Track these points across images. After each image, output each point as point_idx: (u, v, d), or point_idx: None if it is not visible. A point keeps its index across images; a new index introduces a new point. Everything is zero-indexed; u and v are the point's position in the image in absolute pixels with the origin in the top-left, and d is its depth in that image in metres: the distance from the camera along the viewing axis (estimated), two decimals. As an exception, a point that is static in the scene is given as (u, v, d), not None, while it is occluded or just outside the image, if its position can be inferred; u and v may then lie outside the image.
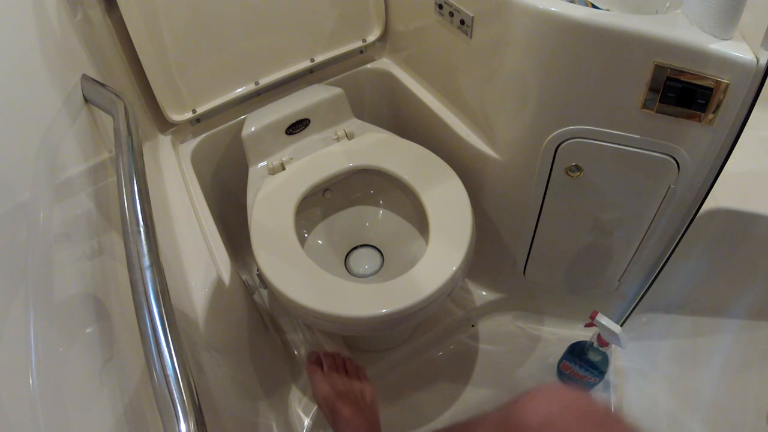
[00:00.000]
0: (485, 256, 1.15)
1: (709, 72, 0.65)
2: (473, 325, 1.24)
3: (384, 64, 1.18)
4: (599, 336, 1.00)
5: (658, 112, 0.72)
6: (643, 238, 0.93)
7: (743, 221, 0.92)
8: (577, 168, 0.85)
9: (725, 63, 0.64)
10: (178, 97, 0.97)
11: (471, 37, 0.87)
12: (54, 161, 0.56)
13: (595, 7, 0.85)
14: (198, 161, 1.02)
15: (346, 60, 1.15)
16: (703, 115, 0.70)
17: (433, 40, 0.99)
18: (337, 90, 1.08)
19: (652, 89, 0.70)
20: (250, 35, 0.98)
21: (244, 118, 1.05)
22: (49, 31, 0.66)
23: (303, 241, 1.07)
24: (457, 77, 0.98)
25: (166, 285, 0.48)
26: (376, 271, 1.08)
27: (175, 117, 0.97)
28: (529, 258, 1.08)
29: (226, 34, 0.95)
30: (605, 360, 1.05)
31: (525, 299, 1.22)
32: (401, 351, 1.18)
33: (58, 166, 0.57)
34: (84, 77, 0.71)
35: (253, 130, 1.02)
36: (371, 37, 1.12)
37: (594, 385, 1.11)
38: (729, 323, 1.10)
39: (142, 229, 0.50)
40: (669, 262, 0.95)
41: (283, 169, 1.03)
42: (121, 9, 0.82)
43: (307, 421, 1.05)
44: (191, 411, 0.40)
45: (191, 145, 1.03)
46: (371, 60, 1.19)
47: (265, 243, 0.91)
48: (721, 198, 0.90)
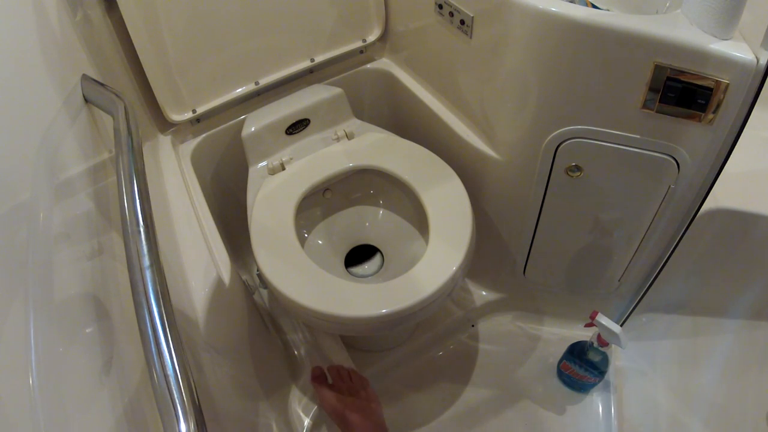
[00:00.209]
0: (485, 256, 1.15)
1: (709, 72, 0.65)
2: (473, 325, 1.24)
3: (384, 64, 1.18)
4: (599, 336, 1.00)
5: (658, 112, 0.72)
6: (643, 238, 0.93)
7: (743, 221, 0.92)
8: (577, 168, 0.85)
9: (725, 63, 0.64)
10: (178, 97, 0.97)
11: (471, 37, 0.87)
12: (54, 161, 0.56)
13: (595, 7, 0.85)
14: (198, 161, 1.02)
15: (346, 60, 1.15)
16: (703, 115, 0.70)
17: (433, 40, 0.99)
18: (337, 90, 1.08)
19: (652, 89, 0.70)
20: (250, 35, 0.98)
21: (244, 118, 1.05)
22: (49, 31, 0.66)
23: (303, 241, 1.07)
24: (457, 77, 0.98)
25: (166, 285, 0.48)
26: (376, 271, 1.08)
27: (175, 117, 0.97)
28: (529, 258, 1.08)
29: (226, 34, 0.95)
30: (605, 360, 1.05)
31: (525, 299, 1.22)
32: (401, 351, 1.18)
33: (58, 166, 0.57)
34: (84, 77, 0.71)
35: (253, 130, 1.02)
36: (371, 37, 1.12)
37: (594, 385, 1.11)
38: (729, 323, 1.10)
39: (142, 229, 0.50)
40: (669, 262, 0.95)
41: (283, 169, 1.03)
42: (121, 9, 0.82)
43: (307, 421, 1.05)
44: (191, 411, 0.40)
45: (191, 145, 1.03)
46: (371, 60, 1.19)
47: (265, 243, 0.91)
48: (721, 198, 0.90)
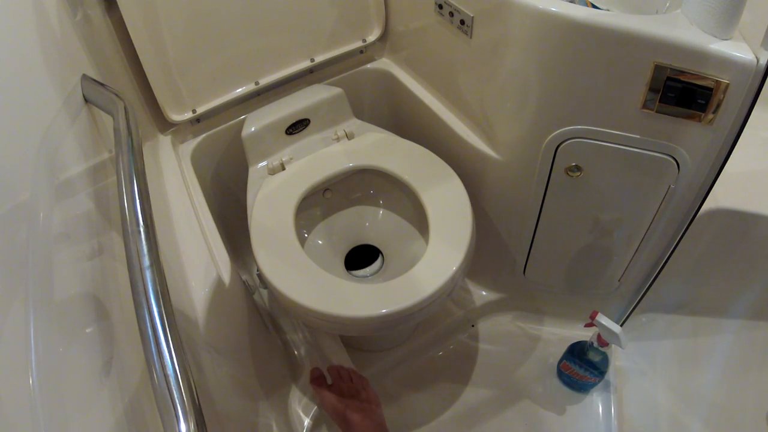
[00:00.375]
0: (485, 256, 1.15)
1: (709, 72, 0.65)
2: (473, 325, 1.24)
3: (384, 64, 1.18)
4: (599, 336, 1.00)
5: (658, 112, 0.72)
6: (643, 238, 0.93)
7: (743, 221, 0.92)
8: (577, 168, 0.85)
9: (725, 63, 0.64)
10: (178, 97, 0.97)
11: (471, 37, 0.87)
12: (54, 161, 0.56)
13: (595, 7, 0.85)
14: (198, 161, 1.02)
15: (346, 60, 1.15)
16: (703, 115, 0.70)
17: (433, 40, 0.99)
18: (337, 90, 1.08)
19: (652, 89, 0.70)
20: (250, 35, 0.98)
21: (244, 118, 1.05)
22: (49, 31, 0.66)
23: (303, 241, 1.07)
24: (457, 77, 0.98)
25: (166, 285, 0.48)
26: (376, 271, 1.08)
27: (175, 117, 0.97)
28: (529, 258, 1.08)
29: (226, 34, 0.95)
30: (605, 360, 1.05)
31: (525, 299, 1.22)
32: (401, 351, 1.18)
33: (58, 166, 0.57)
34: (84, 77, 0.71)
35: (253, 130, 1.02)
36: (371, 37, 1.12)
37: (594, 385, 1.11)
38: (729, 323, 1.10)
39: (142, 229, 0.50)
40: (669, 262, 0.95)
41: (283, 169, 1.03)
42: (121, 9, 0.82)
43: (307, 421, 1.05)
44: (191, 411, 0.40)
45: (191, 145, 1.03)
46: (371, 60, 1.19)
47: (265, 243, 0.91)
48: (721, 198, 0.90)
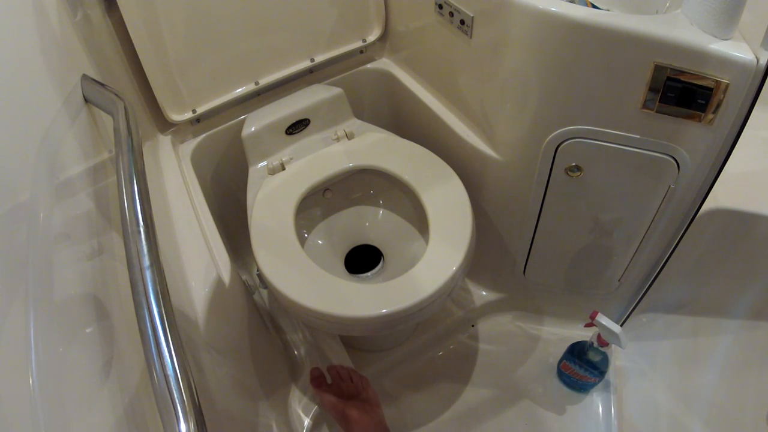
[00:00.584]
0: (485, 256, 1.15)
1: (709, 72, 0.65)
2: (473, 325, 1.24)
3: (384, 64, 1.18)
4: (599, 336, 1.00)
5: (658, 112, 0.72)
6: (643, 238, 0.93)
7: (743, 221, 0.92)
8: (577, 168, 0.85)
9: (725, 63, 0.64)
10: (178, 97, 0.97)
11: (471, 37, 0.87)
12: (54, 161, 0.56)
13: (595, 7, 0.85)
14: (198, 161, 1.02)
15: (346, 60, 1.15)
16: (703, 115, 0.70)
17: (433, 40, 0.99)
18: (337, 90, 1.08)
19: (652, 89, 0.70)
20: (250, 35, 0.98)
21: (244, 118, 1.05)
22: (49, 31, 0.67)
23: (303, 241, 1.07)
24: (457, 77, 0.98)
25: (166, 285, 0.48)
26: (376, 272, 1.08)
27: (175, 117, 0.97)
28: (529, 258, 1.08)
29: (226, 34, 0.95)
30: (605, 360, 1.05)
31: (525, 299, 1.22)
32: (401, 351, 1.18)
33: (58, 166, 0.57)
34: (84, 77, 0.71)
35: (253, 130, 1.02)
36: (371, 37, 1.12)
37: (594, 385, 1.11)
38: (729, 323, 1.10)
39: (142, 229, 0.50)
40: (669, 262, 0.95)
41: (283, 169, 1.03)
42: (121, 9, 0.82)
43: (307, 421, 1.05)
44: (191, 411, 0.40)
45: (191, 145, 1.03)
46: (371, 60, 1.18)
47: (265, 243, 0.91)
48: (721, 198, 0.90)
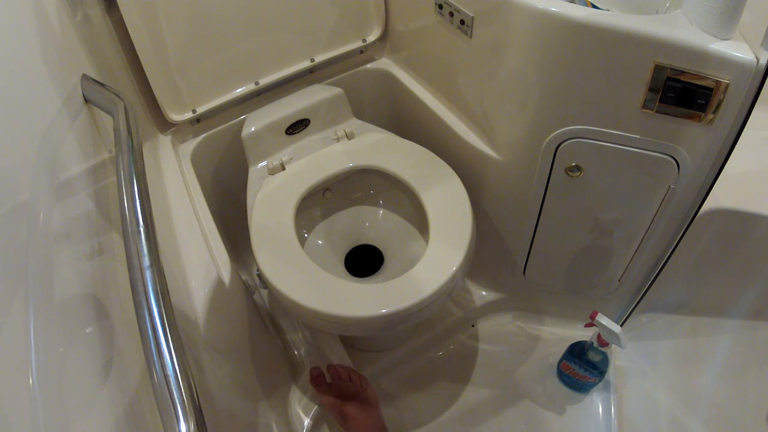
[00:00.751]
0: (485, 256, 1.15)
1: (709, 72, 0.65)
2: (473, 325, 1.24)
3: (384, 64, 1.18)
4: (599, 336, 1.00)
5: (658, 112, 0.72)
6: (643, 238, 0.93)
7: (743, 221, 0.92)
8: (577, 168, 0.85)
9: (725, 63, 0.64)
10: (178, 97, 0.97)
11: (471, 37, 0.87)
12: (54, 161, 0.56)
13: (595, 7, 0.85)
14: (198, 161, 1.02)
15: (346, 60, 1.15)
16: (703, 115, 0.70)
17: (433, 40, 0.99)
18: (337, 90, 1.08)
19: (652, 89, 0.70)
20: (249, 35, 0.98)
21: (244, 118, 1.05)
22: (49, 31, 0.66)
23: (303, 241, 1.07)
24: (457, 77, 0.98)
25: (166, 285, 0.48)
26: (376, 271, 1.08)
27: (175, 117, 0.97)
28: (529, 258, 1.08)
29: (226, 34, 0.95)
30: (605, 360, 1.05)
31: (525, 299, 1.22)
32: (401, 351, 1.18)
33: (58, 166, 0.57)
34: (84, 77, 0.71)
35: (253, 130, 1.02)
36: (371, 37, 1.12)
37: (594, 385, 1.11)
38: (729, 323, 1.10)
39: (142, 229, 0.50)
40: (669, 262, 0.95)
41: (283, 169, 1.03)
42: (121, 9, 0.82)
43: (307, 421, 1.05)
44: (191, 411, 0.40)
45: (191, 145, 1.03)
46: (371, 60, 1.18)
47: (265, 243, 0.91)
48: (721, 198, 0.90)
